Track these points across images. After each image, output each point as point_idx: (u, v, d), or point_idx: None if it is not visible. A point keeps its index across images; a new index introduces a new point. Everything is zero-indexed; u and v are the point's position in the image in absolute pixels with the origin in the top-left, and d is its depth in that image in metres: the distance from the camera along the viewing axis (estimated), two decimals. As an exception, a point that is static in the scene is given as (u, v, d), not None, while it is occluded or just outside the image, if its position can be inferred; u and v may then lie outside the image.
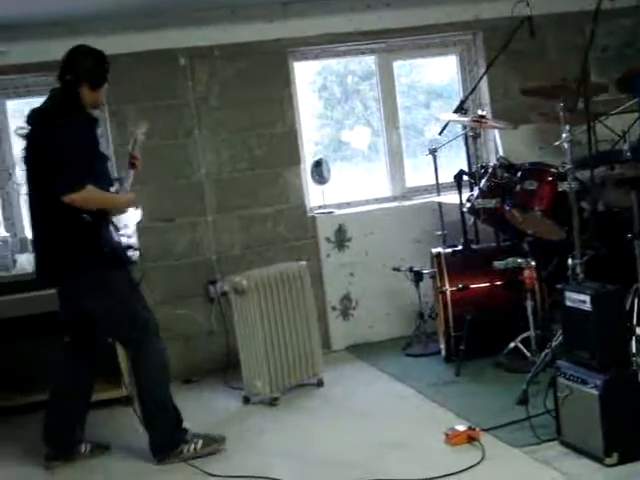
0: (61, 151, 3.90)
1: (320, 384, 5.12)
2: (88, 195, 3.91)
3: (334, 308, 5.97)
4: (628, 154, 4.43)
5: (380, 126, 6.28)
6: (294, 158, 5.91)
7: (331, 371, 5.29)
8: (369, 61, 6.29)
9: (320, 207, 6.02)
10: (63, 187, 3.87)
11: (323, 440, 4.25)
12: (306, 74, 6.20)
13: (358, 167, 6.46)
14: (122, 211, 4.13)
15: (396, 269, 5.71)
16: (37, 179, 4.05)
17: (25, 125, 4.14)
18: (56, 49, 5.13)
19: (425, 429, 4.20)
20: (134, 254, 4.15)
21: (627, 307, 4.11)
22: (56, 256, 4.04)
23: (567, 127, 4.22)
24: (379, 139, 6.32)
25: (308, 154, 6.10)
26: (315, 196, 6.05)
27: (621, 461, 3.47)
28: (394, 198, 6.25)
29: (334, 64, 6.32)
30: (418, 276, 5.58)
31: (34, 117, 4.11)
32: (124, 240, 4.10)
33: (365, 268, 5.99)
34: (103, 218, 4.01)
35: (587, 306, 3.61)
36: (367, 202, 6.23)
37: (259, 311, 4.85)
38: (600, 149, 5.03)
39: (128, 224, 4.18)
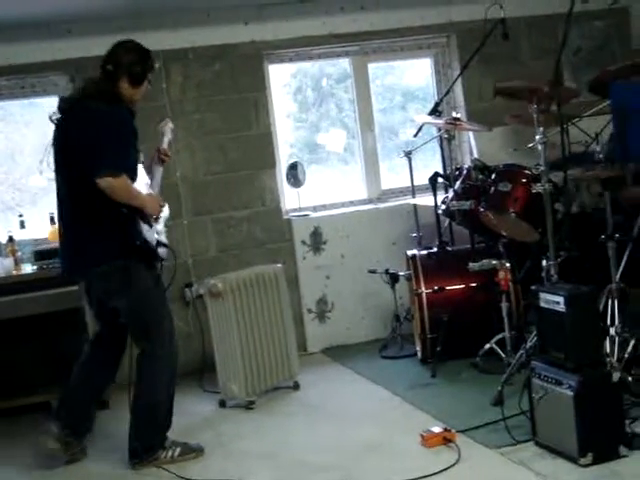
0: (103, 134, 3.86)
1: (296, 387, 5.11)
2: (123, 184, 3.86)
3: (310, 311, 5.97)
4: (601, 156, 4.48)
5: (355, 128, 6.30)
6: (269, 161, 5.91)
7: (307, 374, 5.29)
8: (344, 64, 6.30)
9: (295, 210, 6.02)
10: (101, 169, 3.80)
11: (300, 443, 4.25)
12: (281, 77, 6.20)
13: (333, 170, 6.47)
14: (155, 214, 4.10)
15: (372, 271, 5.72)
16: (71, 166, 3.97)
17: (57, 112, 4.08)
18: (29, 51, 5.15)
19: (401, 431, 4.20)
20: (164, 251, 4.13)
21: (601, 308, 4.16)
22: (85, 244, 3.99)
23: (541, 129, 4.25)
24: (354, 141, 6.33)
25: (283, 157, 6.10)
26: (290, 199, 6.05)
27: (595, 461, 3.49)
28: (369, 200, 6.27)
29: (309, 67, 6.32)
30: (394, 278, 5.59)
31: (69, 104, 4.05)
32: (155, 236, 4.08)
33: (341, 271, 6.00)
34: (138, 212, 3.97)
35: (561, 307, 3.63)
36: (343, 205, 6.24)
37: (235, 314, 4.84)
38: (573, 151, 5.06)
39: (159, 220, 4.16)
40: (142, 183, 4.12)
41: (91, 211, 3.94)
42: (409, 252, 5.43)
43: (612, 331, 4.18)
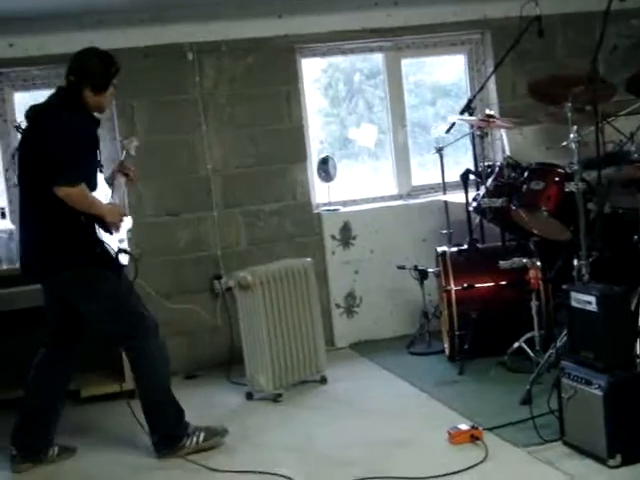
0: (62, 144, 3.89)
1: (323, 381, 5.12)
2: (82, 193, 3.89)
3: (338, 305, 5.97)
4: (635, 155, 4.43)
5: (387, 124, 6.28)
6: (300, 155, 5.91)
7: (334, 368, 5.29)
8: (376, 59, 6.29)
9: (326, 204, 6.02)
10: (60, 179, 3.83)
11: (326, 437, 4.25)
12: (312, 72, 6.19)
13: (364, 165, 6.46)
14: (116, 222, 4.09)
15: (401, 267, 5.70)
16: (32, 174, 4.00)
17: (23, 121, 4.13)
18: (63, 42, 5.20)
19: (428, 428, 4.19)
20: (125, 258, 4.13)
21: (632, 308, 4.12)
22: (45, 251, 4.01)
23: (575, 128, 4.21)
24: (385, 137, 6.32)
25: (314, 152, 6.10)
26: (321, 193, 6.05)
27: (624, 462, 3.47)
28: (400, 196, 6.25)
29: (340, 62, 6.31)
30: (423, 274, 5.58)
31: (33, 113, 4.08)
32: (116, 244, 4.09)
33: (370, 266, 5.99)
34: (98, 220, 3.99)
35: (593, 307, 3.61)
36: (373, 200, 6.22)
37: (263, 307, 4.85)
38: (607, 150, 5.01)
39: (119, 229, 4.16)
40: (102, 193, 4.12)
41: (52, 218, 3.96)
42: (439, 249, 5.41)
43: (643, 332, 4.14)
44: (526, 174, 4.81)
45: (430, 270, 5.54)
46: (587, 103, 4.24)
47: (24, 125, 4.12)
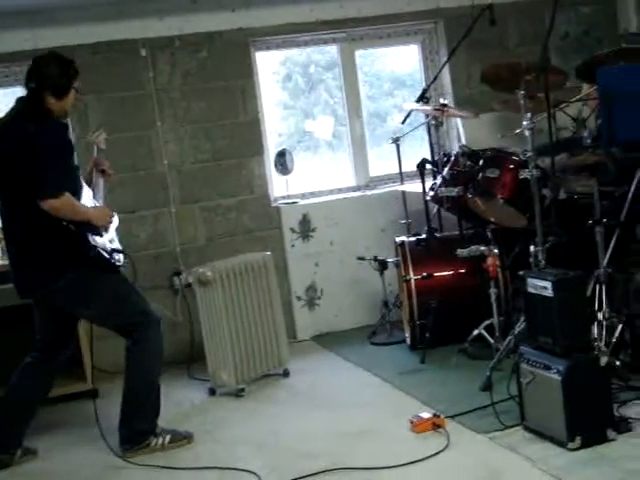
0: (38, 158, 3.83)
1: (286, 374, 5.12)
2: (67, 202, 3.85)
3: (299, 298, 5.97)
4: (588, 141, 4.48)
5: (344, 115, 6.28)
6: (257, 148, 5.89)
7: (297, 361, 5.29)
8: (332, 51, 6.29)
9: (284, 197, 6.02)
10: (42, 193, 3.80)
11: (290, 430, 4.26)
12: (269, 64, 6.18)
13: (322, 157, 6.46)
14: (104, 224, 4.07)
15: (361, 258, 5.72)
16: (11, 191, 3.96)
17: None
18: (13, 40, 5.13)
19: (390, 417, 4.22)
20: (120, 257, 4.11)
21: (588, 293, 4.17)
22: (36, 265, 3.98)
23: (528, 115, 4.25)
24: (343, 128, 6.32)
25: (272, 145, 6.09)
26: (279, 186, 6.04)
27: (584, 445, 3.51)
28: (358, 187, 6.27)
29: (297, 54, 6.30)
30: (383, 265, 5.60)
31: (1, 129, 4.01)
32: (108, 245, 4.07)
33: (330, 258, 6.00)
34: (86, 225, 3.95)
35: (549, 292, 3.65)
36: (331, 192, 6.23)
37: (224, 302, 4.84)
38: (560, 137, 5.07)
39: (109, 230, 4.14)
40: (85, 196, 4.10)
41: (38, 231, 3.93)
42: (398, 239, 5.44)
43: (600, 316, 4.20)
44: (481, 162, 4.84)
45: (390, 260, 5.56)
46: (539, 90, 4.27)
47: None
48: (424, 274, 5.16)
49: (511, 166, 4.69)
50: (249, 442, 4.17)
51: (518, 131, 4.39)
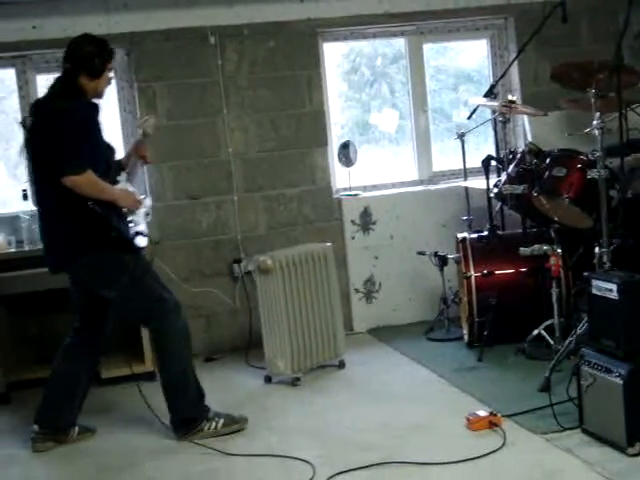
0: (63, 134, 3.90)
1: (342, 366, 5.13)
2: (89, 180, 3.91)
3: (357, 290, 5.97)
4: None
5: (408, 109, 6.26)
6: (321, 139, 5.90)
7: (353, 353, 5.30)
8: (398, 43, 6.26)
9: (346, 189, 6.01)
10: (64, 169, 3.87)
11: (344, 421, 4.26)
12: (334, 57, 6.17)
13: (385, 150, 6.44)
14: (129, 207, 4.11)
15: (421, 253, 5.70)
16: (40, 167, 4.05)
17: (28, 117, 4.16)
18: (87, 24, 5.19)
19: (446, 414, 4.20)
20: (142, 240, 4.15)
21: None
22: (63, 241, 4.06)
23: (598, 114, 4.19)
24: (406, 122, 6.29)
25: (335, 136, 6.09)
26: (341, 178, 6.04)
27: (644, 451, 3.47)
28: (420, 182, 6.24)
29: (362, 46, 6.29)
30: (443, 261, 5.57)
31: (36, 107, 4.12)
32: (132, 227, 4.11)
33: (389, 251, 5.99)
34: (110, 206, 4.01)
35: (614, 295, 3.59)
36: (393, 185, 6.21)
37: (283, 291, 4.86)
38: (631, 137, 4.98)
39: (135, 212, 4.17)
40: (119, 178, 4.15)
41: (64, 208, 3.99)
42: (459, 235, 5.40)
43: (664, 321, 4.12)
44: (548, 161, 4.79)
45: (450, 256, 5.53)
46: (611, 90, 4.21)
47: (28, 121, 4.13)
48: (485, 271, 5.12)
49: (579, 165, 4.62)
50: (303, 431, 4.19)
51: (587, 130, 4.32)
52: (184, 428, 4.18)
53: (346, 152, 5.90)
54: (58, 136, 3.91)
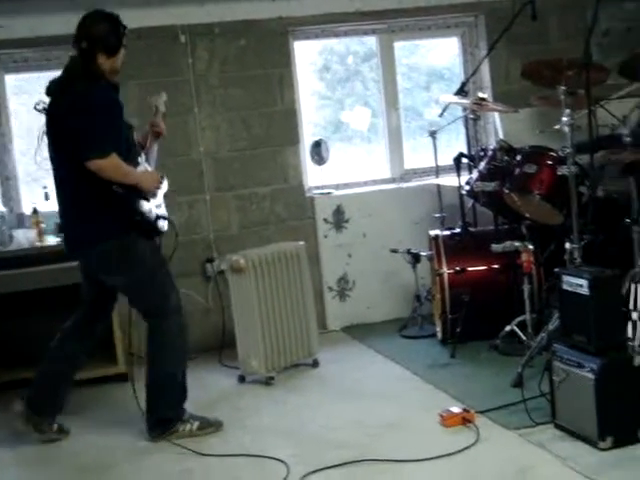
0: (86, 117, 3.86)
1: (315, 364, 5.13)
2: (114, 163, 3.87)
3: (331, 289, 5.98)
4: (628, 139, 4.43)
5: (380, 107, 6.27)
6: (293, 138, 5.89)
7: (327, 351, 5.29)
8: (370, 42, 6.26)
9: (318, 187, 6.01)
10: (89, 153, 3.83)
11: (318, 420, 4.26)
12: (307, 54, 6.17)
13: (357, 148, 6.45)
14: (152, 189, 4.09)
15: (394, 251, 5.70)
16: (61, 151, 4.00)
17: (44, 100, 4.10)
18: (55, 23, 5.16)
19: (420, 411, 4.21)
20: (164, 224, 4.14)
21: (624, 292, 4.13)
22: (82, 225, 4.04)
23: (568, 111, 4.21)
24: (379, 120, 6.30)
25: (308, 135, 6.08)
26: (314, 176, 6.04)
27: (615, 445, 3.49)
28: (393, 180, 6.25)
29: (335, 44, 6.29)
30: (415, 258, 5.58)
31: (53, 88, 4.06)
32: (154, 210, 4.09)
33: (362, 249, 5.99)
34: (133, 188, 3.98)
35: (584, 290, 3.61)
36: (366, 183, 6.22)
37: (256, 290, 4.85)
38: (600, 134, 5.01)
39: (156, 194, 4.16)
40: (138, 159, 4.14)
41: (86, 192, 3.97)
42: (432, 232, 5.42)
43: (635, 315, 4.14)
44: (519, 158, 4.81)
45: (423, 254, 5.54)
46: (580, 87, 4.23)
47: (43, 105, 4.09)
48: (457, 268, 5.13)
49: (549, 162, 4.65)
50: (277, 430, 4.18)
51: (557, 127, 4.35)
52: (159, 428, 4.16)
53: (318, 150, 5.90)
54: (82, 119, 3.86)
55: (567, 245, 4.24)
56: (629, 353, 3.67)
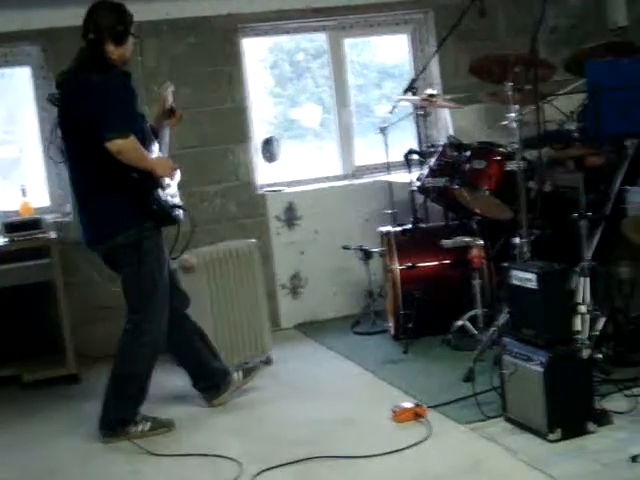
0: (104, 102, 3.86)
1: (268, 362, 5.10)
2: (132, 145, 3.88)
3: (283, 286, 5.97)
4: (575, 135, 4.49)
5: (331, 104, 6.27)
6: (244, 135, 5.87)
7: (280, 349, 5.28)
8: (320, 39, 6.26)
9: (270, 185, 6.00)
10: (109, 132, 3.82)
11: (271, 418, 4.26)
12: (258, 51, 6.15)
13: (308, 145, 6.45)
14: (167, 176, 4.11)
15: (346, 247, 5.71)
16: (77, 141, 3.99)
17: (55, 91, 4.09)
18: (1, 20, 5.08)
19: (372, 406, 4.22)
20: (179, 213, 4.14)
21: (572, 286, 4.18)
22: (100, 217, 4.04)
23: (515, 107, 4.25)
24: (330, 117, 6.31)
25: (260, 132, 6.06)
26: (265, 174, 6.02)
27: (564, 437, 3.52)
28: (344, 176, 6.25)
29: (285, 41, 6.28)
30: (367, 255, 5.60)
31: (64, 78, 4.05)
32: (169, 199, 4.09)
33: (315, 246, 5.99)
34: (150, 176, 3.99)
35: (533, 284, 3.65)
36: (317, 180, 6.22)
37: (208, 289, 4.83)
38: (548, 129, 5.06)
39: (171, 184, 4.17)
40: (150, 148, 4.14)
41: (101, 182, 3.98)
42: (383, 229, 5.44)
43: (583, 309, 4.20)
44: (468, 153, 4.84)
45: (374, 250, 5.56)
46: (527, 82, 4.27)
47: (57, 95, 4.08)
48: (408, 264, 5.16)
49: (497, 158, 4.69)
50: (231, 429, 4.16)
51: (505, 123, 4.39)
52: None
53: (269, 148, 5.88)
54: (98, 105, 3.86)
55: (516, 240, 4.28)
56: (577, 346, 3.73)
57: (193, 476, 3.70)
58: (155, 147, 4.18)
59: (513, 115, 4.24)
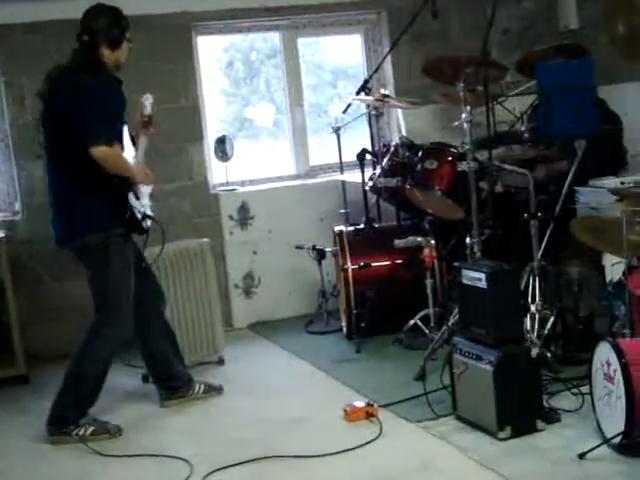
0: (93, 106, 3.85)
1: (221, 362, 5.09)
2: (117, 153, 3.89)
3: (236, 286, 5.94)
4: (526, 136, 4.54)
5: (285, 104, 6.26)
6: (197, 134, 5.84)
7: (233, 349, 5.27)
8: (274, 38, 6.25)
9: (223, 184, 5.97)
10: (95, 139, 3.81)
11: (223, 418, 4.24)
12: (213, 51, 6.12)
13: (262, 144, 6.43)
14: (146, 184, 4.13)
15: (299, 247, 5.71)
16: (60, 140, 3.96)
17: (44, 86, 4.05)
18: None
19: (324, 406, 4.22)
20: (148, 223, 4.12)
21: (522, 285, 4.23)
22: (72, 216, 4.02)
23: (467, 108, 4.28)
24: (283, 117, 6.30)
25: (213, 131, 6.03)
26: (218, 173, 5.99)
27: (514, 435, 3.56)
28: (298, 176, 6.25)
29: (240, 41, 6.26)
30: (321, 254, 5.60)
31: (55, 75, 4.02)
32: (141, 208, 4.08)
33: (268, 246, 5.98)
34: (128, 183, 3.98)
35: (483, 284, 3.68)
36: (271, 180, 6.20)
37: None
38: (499, 130, 5.11)
39: (144, 193, 4.16)
40: (129, 155, 4.11)
41: (81, 182, 3.96)
42: (336, 228, 5.44)
43: (532, 308, 4.26)
44: (420, 154, 4.87)
45: (328, 250, 5.56)
46: (478, 84, 4.31)
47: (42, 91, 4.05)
48: (361, 264, 5.17)
49: (449, 158, 4.72)
50: (181, 429, 4.14)
51: (456, 123, 4.42)
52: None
53: (223, 147, 5.86)
54: (86, 109, 3.85)
55: (467, 239, 4.31)
56: (526, 345, 3.76)
57: (144, 477, 3.67)
58: (134, 154, 4.17)
59: (464, 116, 4.27)
